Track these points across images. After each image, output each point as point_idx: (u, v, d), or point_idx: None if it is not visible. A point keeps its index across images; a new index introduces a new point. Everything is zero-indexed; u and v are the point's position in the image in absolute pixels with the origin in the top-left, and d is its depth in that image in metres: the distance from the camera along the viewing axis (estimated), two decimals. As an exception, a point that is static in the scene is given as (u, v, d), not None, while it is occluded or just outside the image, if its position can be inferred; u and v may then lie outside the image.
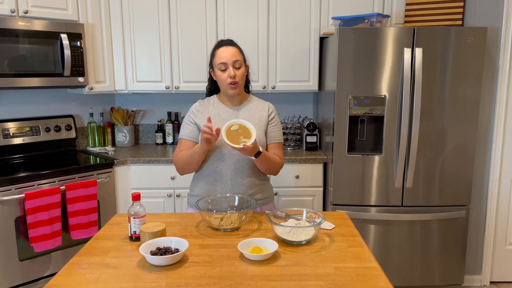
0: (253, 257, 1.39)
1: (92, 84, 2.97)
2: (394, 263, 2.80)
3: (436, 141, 2.64)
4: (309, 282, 1.26)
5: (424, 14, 2.92)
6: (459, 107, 2.60)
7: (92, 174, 2.73)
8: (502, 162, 2.86)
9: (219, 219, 1.63)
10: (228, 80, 1.81)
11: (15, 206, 2.41)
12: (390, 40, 2.53)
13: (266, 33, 3.07)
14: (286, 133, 3.25)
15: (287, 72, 3.13)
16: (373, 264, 1.38)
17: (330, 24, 3.05)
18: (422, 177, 2.68)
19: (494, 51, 2.76)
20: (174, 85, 3.14)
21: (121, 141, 3.40)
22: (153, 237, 1.49)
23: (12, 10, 2.53)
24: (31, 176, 2.47)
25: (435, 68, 2.56)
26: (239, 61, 1.83)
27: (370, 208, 2.73)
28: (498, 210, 2.92)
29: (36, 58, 2.63)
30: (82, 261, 1.41)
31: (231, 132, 1.69)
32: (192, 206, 1.95)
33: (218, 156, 1.85)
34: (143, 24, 3.05)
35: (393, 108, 2.60)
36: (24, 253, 2.46)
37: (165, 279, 1.28)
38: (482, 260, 2.99)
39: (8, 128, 2.86)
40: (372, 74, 2.57)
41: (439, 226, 2.74)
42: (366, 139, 2.73)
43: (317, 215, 1.62)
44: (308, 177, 2.97)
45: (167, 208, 2.98)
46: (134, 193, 1.55)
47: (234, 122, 1.71)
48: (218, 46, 1.87)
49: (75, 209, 2.58)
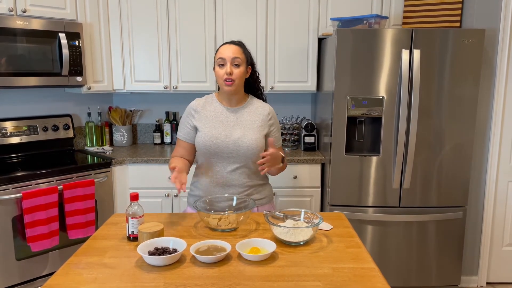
0: (251, 258, 1.39)
1: (90, 84, 2.96)
2: (392, 264, 2.80)
3: (433, 142, 2.64)
4: (307, 282, 1.26)
5: (422, 15, 2.93)
6: (456, 108, 2.61)
7: (89, 174, 2.73)
8: (499, 163, 2.87)
9: (217, 219, 1.63)
10: (224, 76, 1.80)
11: (12, 206, 2.40)
12: (388, 41, 2.53)
13: (264, 33, 3.07)
14: (284, 134, 3.25)
15: (286, 72, 3.13)
16: (370, 265, 1.38)
17: (329, 25, 3.05)
18: (420, 178, 2.69)
19: (491, 52, 2.77)
20: (172, 85, 3.13)
21: (119, 140, 3.40)
22: (151, 237, 1.49)
23: (10, 9, 2.53)
24: (29, 175, 2.47)
25: (433, 69, 2.56)
26: (238, 58, 1.81)
27: (367, 208, 2.74)
28: (495, 211, 2.93)
29: (34, 57, 2.62)
30: (80, 261, 1.41)
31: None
32: (190, 206, 1.96)
33: (217, 156, 1.85)
34: (142, 24, 3.05)
35: (391, 109, 2.61)
36: (21, 252, 2.46)
37: (163, 279, 1.28)
38: (479, 261, 3.00)
39: (5, 127, 2.85)
40: (370, 75, 2.58)
41: (436, 227, 2.75)
42: (364, 140, 2.74)
43: (315, 216, 1.62)
44: (306, 178, 2.97)
45: (164, 208, 2.98)
46: (132, 193, 1.55)
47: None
48: (222, 44, 1.87)
49: (72, 208, 2.57)
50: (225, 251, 1.40)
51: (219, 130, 1.84)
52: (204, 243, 1.46)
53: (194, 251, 1.40)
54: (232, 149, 1.83)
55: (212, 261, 1.37)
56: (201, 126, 1.86)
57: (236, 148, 1.83)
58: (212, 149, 1.83)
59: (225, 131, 1.84)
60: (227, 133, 1.84)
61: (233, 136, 1.83)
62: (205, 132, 1.84)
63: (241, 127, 1.86)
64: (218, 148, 1.83)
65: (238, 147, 1.83)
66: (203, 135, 1.84)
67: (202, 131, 1.85)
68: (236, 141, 1.83)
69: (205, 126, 1.86)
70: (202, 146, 1.84)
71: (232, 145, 1.83)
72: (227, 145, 1.83)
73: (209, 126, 1.85)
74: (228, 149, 1.83)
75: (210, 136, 1.83)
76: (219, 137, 1.83)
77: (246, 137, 1.83)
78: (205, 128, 1.85)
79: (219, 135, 1.83)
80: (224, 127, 1.85)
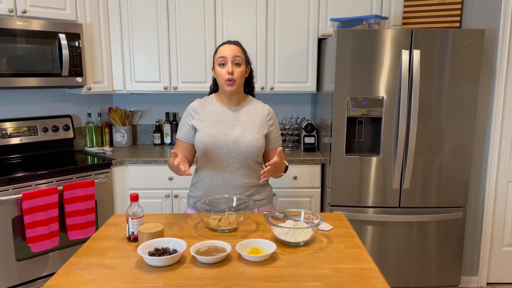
0: (251, 258, 1.39)
1: (90, 84, 2.96)
2: (392, 264, 2.80)
3: (433, 142, 2.64)
4: (307, 283, 1.26)
5: (422, 16, 2.93)
6: (456, 109, 2.61)
7: (90, 175, 2.73)
8: (499, 164, 2.87)
9: (217, 220, 1.63)
10: (226, 76, 1.80)
11: (12, 206, 2.40)
12: (388, 42, 2.54)
13: (264, 34, 3.08)
14: (284, 134, 3.25)
15: (285, 73, 3.13)
16: (370, 265, 1.38)
17: (329, 26, 3.05)
18: (420, 178, 2.69)
19: (491, 53, 2.77)
20: (172, 85, 3.14)
21: (119, 141, 3.40)
22: (151, 237, 1.49)
23: (10, 10, 2.53)
24: (29, 176, 2.47)
25: (433, 70, 2.56)
26: (239, 57, 1.81)
27: (367, 209, 2.74)
28: (495, 211, 2.93)
29: (34, 58, 2.62)
30: (80, 261, 1.41)
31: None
32: (190, 207, 1.96)
33: (217, 156, 1.85)
34: (142, 24, 3.05)
35: (391, 109, 2.61)
36: (21, 253, 2.46)
37: (163, 280, 1.28)
38: (479, 261, 3.00)
39: (5, 128, 2.85)
40: (370, 75, 2.58)
41: (436, 227, 2.75)
42: (364, 140, 2.74)
43: (315, 216, 1.62)
44: (306, 178, 2.97)
45: (165, 208, 2.98)
46: (133, 194, 1.55)
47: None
48: (221, 44, 1.87)
49: (72, 209, 2.57)
50: (225, 252, 1.40)
51: (219, 129, 1.84)
52: (204, 244, 1.46)
53: (194, 251, 1.40)
54: (231, 148, 1.83)
55: (212, 262, 1.37)
56: (200, 126, 1.86)
57: (235, 147, 1.83)
58: (212, 149, 1.83)
59: (225, 130, 1.84)
60: (227, 132, 1.84)
61: (232, 136, 1.83)
62: (204, 132, 1.84)
63: (241, 127, 1.86)
64: (218, 147, 1.83)
65: (238, 147, 1.83)
66: (202, 135, 1.84)
67: (202, 130, 1.85)
68: (235, 141, 1.83)
69: (204, 126, 1.86)
70: (201, 146, 1.84)
71: (231, 145, 1.83)
72: (227, 144, 1.83)
73: (209, 126, 1.85)
74: (228, 148, 1.83)
75: (209, 136, 1.83)
76: (218, 137, 1.83)
77: (245, 136, 1.83)
78: (204, 128, 1.85)
79: (218, 135, 1.83)
80: (223, 127, 1.85)
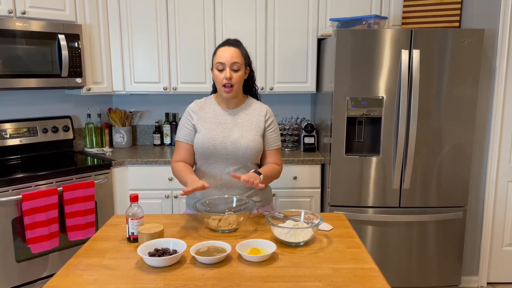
0: (251, 258, 1.39)
1: (89, 85, 2.96)
2: (392, 264, 2.80)
3: (433, 142, 2.64)
4: (307, 283, 1.26)
5: (422, 16, 2.93)
6: (456, 108, 2.61)
7: (89, 175, 2.73)
8: (499, 163, 2.87)
9: (217, 220, 1.63)
10: (224, 81, 1.79)
11: (12, 207, 2.40)
12: (388, 42, 2.54)
13: (264, 34, 3.08)
14: (284, 134, 3.25)
15: (285, 73, 3.13)
16: (370, 265, 1.38)
17: (328, 26, 3.05)
18: (420, 178, 2.69)
19: (491, 52, 2.77)
20: (172, 86, 3.13)
21: (118, 142, 3.40)
22: (151, 238, 1.49)
23: (9, 11, 2.53)
24: (29, 177, 2.47)
25: (432, 69, 2.56)
26: (237, 63, 1.79)
27: (367, 209, 2.74)
28: (495, 211, 2.93)
29: (34, 59, 2.62)
30: (80, 262, 1.41)
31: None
32: (190, 208, 1.95)
33: (215, 158, 1.85)
34: (141, 25, 3.05)
35: (390, 109, 2.61)
36: (21, 254, 2.45)
37: (163, 281, 1.28)
38: (479, 261, 3.00)
39: (5, 129, 2.85)
40: (369, 75, 2.58)
41: (436, 227, 2.75)
42: (363, 141, 2.74)
43: (315, 216, 1.62)
44: (306, 178, 2.97)
45: (164, 209, 2.98)
46: (132, 194, 1.55)
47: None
48: (221, 45, 1.84)
49: (72, 210, 2.57)
50: (225, 252, 1.39)
51: (217, 131, 1.84)
52: (204, 244, 1.46)
53: (194, 252, 1.40)
54: (230, 150, 1.83)
55: (212, 262, 1.37)
56: (200, 127, 1.86)
57: (234, 149, 1.82)
58: (210, 151, 1.83)
59: (223, 132, 1.84)
60: (225, 134, 1.84)
61: (231, 138, 1.83)
62: (203, 134, 1.84)
63: (239, 128, 1.85)
64: (216, 149, 1.83)
65: (236, 148, 1.82)
66: (201, 137, 1.84)
67: (200, 132, 1.85)
68: (234, 142, 1.82)
69: (203, 128, 1.86)
70: (200, 148, 1.84)
71: (230, 146, 1.82)
72: (225, 146, 1.82)
73: (207, 128, 1.85)
74: (226, 150, 1.83)
75: (208, 138, 1.83)
76: (217, 139, 1.83)
77: (244, 138, 1.83)
78: (203, 130, 1.85)
79: (217, 137, 1.83)
80: (222, 129, 1.85)
